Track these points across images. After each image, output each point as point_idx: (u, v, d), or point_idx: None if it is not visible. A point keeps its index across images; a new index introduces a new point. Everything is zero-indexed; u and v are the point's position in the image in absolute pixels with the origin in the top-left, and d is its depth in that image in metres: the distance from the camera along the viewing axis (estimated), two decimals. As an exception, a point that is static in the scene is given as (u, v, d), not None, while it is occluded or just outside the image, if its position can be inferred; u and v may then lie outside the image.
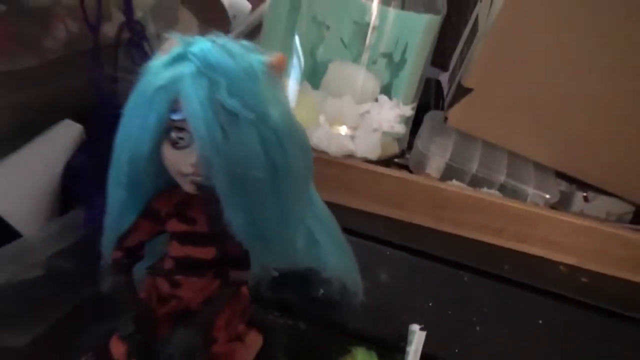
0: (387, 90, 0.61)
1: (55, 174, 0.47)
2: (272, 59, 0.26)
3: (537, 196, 0.57)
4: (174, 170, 0.26)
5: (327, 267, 0.34)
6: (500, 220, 0.52)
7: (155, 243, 0.30)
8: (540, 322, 0.47)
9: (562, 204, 0.62)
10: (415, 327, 0.42)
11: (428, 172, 0.59)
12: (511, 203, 0.52)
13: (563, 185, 0.64)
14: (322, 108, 0.57)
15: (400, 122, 0.58)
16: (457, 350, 0.46)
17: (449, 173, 0.58)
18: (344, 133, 0.56)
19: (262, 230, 0.27)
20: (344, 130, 0.57)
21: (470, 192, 0.53)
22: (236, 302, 0.31)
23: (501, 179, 0.57)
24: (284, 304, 0.45)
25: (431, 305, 0.47)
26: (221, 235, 0.27)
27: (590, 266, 0.52)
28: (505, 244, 0.53)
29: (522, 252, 0.53)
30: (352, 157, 0.55)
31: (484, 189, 0.57)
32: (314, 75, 0.61)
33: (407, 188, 0.52)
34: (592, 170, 0.60)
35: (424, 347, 0.41)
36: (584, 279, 0.51)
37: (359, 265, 0.38)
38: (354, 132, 0.56)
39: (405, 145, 0.63)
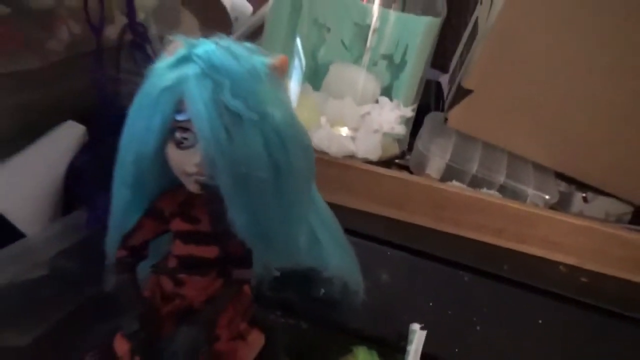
0: (387, 92, 0.62)
1: (58, 174, 0.47)
2: (275, 61, 0.26)
3: (537, 197, 0.57)
4: (178, 170, 0.26)
5: (328, 267, 0.34)
6: (500, 221, 0.52)
7: (159, 242, 0.31)
8: (540, 322, 0.47)
9: (562, 205, 0.62)
10: (415, 327, 0.42)
11: (428, 172, 0.59)
12: (511, 203, 0.52)
13: (562, 186, 0.64)
14: (323, 109, 0.57)
15: (400, 123, 0.59)
16: (457, 350, 0.46)
17: (449, 174, 0.58)
18: (345, 134, 0.56)
19: (264, 229, 0.27)
20: (344, 131, 0.57)
21: (470, 193, 0.53)
22: (238, 301, 0.32)
23: (501, 179, 0.58)
24: (285, 304, 0.45)
25: (431, 305, 0.48)
26: (224, 234, 0.27)
27: (589, 266, 0.52)
28: (505, 244, 0.53)
29: (521, 252, 0.53)
30: (353, 157, 0.55)
31: (484, 189, 0.57)
32: (315, 77, 0.61)
33: (408, 188, 0.52)
34: (591, 171, 0.60)
35: (424, 346, 0.41)
36: (584, 279, 0.51)
37: (359, 266, 0.38)
38: (354, 133, 0.57)
39: (406, 146, 0.63)
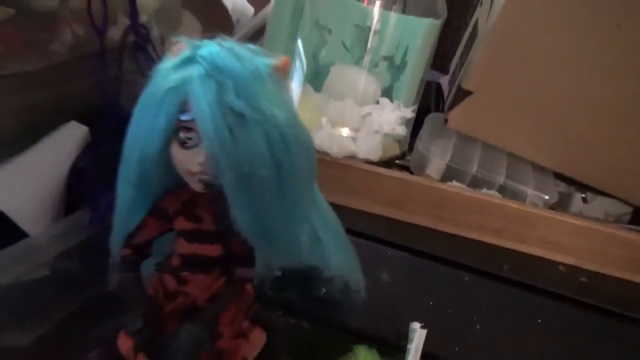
0: (388, 93, 0.62)
1: (61, 174, 0.47)
2: (278, 62, 0.26)
3: (536, 197, 0.57)
4: (182, 170, 0.27)
5: (330, 266, 0.34)
6: (499, 221, 0.52)
7: (163, 241, 0.31)
8: (540, 321, 0.47)
9: (561, 205, 0.62)
10: (416, 325, 0.42)
11: (428, 173, 0.59)
12: (510, 204, 0.52)
13: (562, 187, 0.64)
14: (325, 110, 0.57)
15: (401, 124, 0.59)
16: (457, 349, 0.46)
17: (449, 174, 0.59)
18: (346, 135, 0.57)
19: (267, 228, 0.28)
20: (345, 131, 0.57)
21: (470, 193, 0.53)
22: (241, 299, 0.32)
23: (501, 180, 0.58)
24: (286, 303, 0.45)
25: (431, 304, 0.48)
26: (227, 233, 0.28)
27: (589, 266, 0.53)
28: (505, 244, 0.53)
29: (521, 252, 0.53)
30: (354, 158, 0.56)
31: (484, 189, 0.57)
32: (316, 78, 0.61)
33: (408, 189, 0.53)
34: (591, 172, 0.60)
35: (424, 346, 0.42)
36: (583, 279, 0.51)
37: (360, 265, 0.38)
38: (355, 134, 0.57)
39: (406, 147, 0.63)
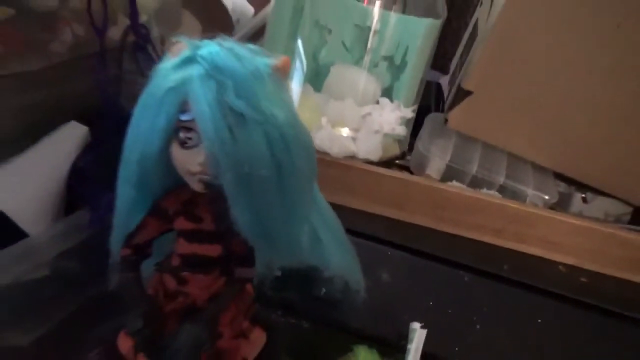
0: (388, 93, 0.62)
1: (61, 174, 0.47)
2: (278, 62, 0.26)
3: (536, 197, 0.57)
4: (182, 169, 0.27)
5: (330, 265, 0.34)
6: (499, 221, 0.52)
7: (163, 241, 0.31)
8: (540, 321, 0.47)
9: (561, 205, 0.62)
10: (416, 325, 0.42)
11: (428, 173, 0.59)
12: (510, 204, 0.52)
13: (562, 187, 0.64)
14: (325, 110, 0.57)
15: (401, 124, 0.59)
16: (457, 349, 0.46)
17: (449, 174, 0.59)
18: (346, 135, 0.57)
19: (267, 228, 0.28)
20: (345, 131, 0.57)
21: (470, 193, 0.54)
22: (241, 299, 0.32)
23: (500, 180, 0.58)
24: (286, 303, 0.45)
25: (431, 304, 0.48)
26: (227, 233, 0.28)
27: (589, 266, 0.53)
28: (505, 244, 0.53)
29: (521, 252, 0.53)
30: (354, 158, 0.56)
31: (484, 189, 0.57)
32: (316, 78, 0.61)
33: (408, 189, 0.53)
34: (591, 172, 0.60)
35: (424, 346, 0.42)
36: (583, 279, 0.51)
37: (360, 265, 0.38)
38: (355, 134, 0.57)
39: (406, 147, 0.63)
